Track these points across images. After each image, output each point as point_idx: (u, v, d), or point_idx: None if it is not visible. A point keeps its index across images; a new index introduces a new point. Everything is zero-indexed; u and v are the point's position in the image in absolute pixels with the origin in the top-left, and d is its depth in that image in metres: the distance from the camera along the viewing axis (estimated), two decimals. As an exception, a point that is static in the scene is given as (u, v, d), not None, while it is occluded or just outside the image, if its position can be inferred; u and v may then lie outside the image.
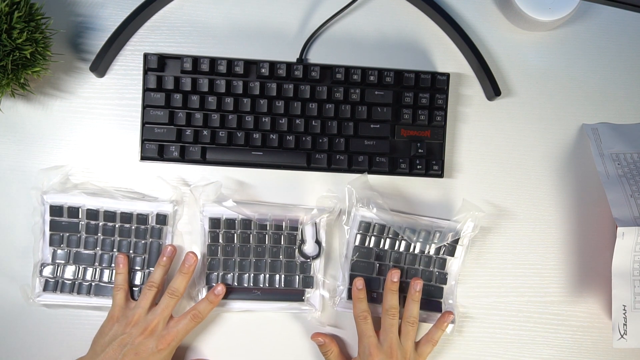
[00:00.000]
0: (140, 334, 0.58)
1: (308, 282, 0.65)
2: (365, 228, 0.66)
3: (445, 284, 0.66)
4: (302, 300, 0.65)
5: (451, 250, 0.66)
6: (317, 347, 0.65)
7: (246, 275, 0.65)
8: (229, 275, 0.64)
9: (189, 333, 0.61)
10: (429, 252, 0.66)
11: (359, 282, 0.63)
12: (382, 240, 0.66)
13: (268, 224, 0.65)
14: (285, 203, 0.67)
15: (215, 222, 0.65)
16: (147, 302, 0.60)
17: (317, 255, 0.65)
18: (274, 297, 0.65)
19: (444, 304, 0.66)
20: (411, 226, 0.66)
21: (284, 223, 0.65)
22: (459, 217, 0.66)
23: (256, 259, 0.65)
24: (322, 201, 0.66)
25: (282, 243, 0.65)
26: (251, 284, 0.65)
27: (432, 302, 0.66)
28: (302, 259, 0.65)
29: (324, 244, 0.66)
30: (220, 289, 0.62)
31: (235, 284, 0.65)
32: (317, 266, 0.65)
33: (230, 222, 0.65)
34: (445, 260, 0.66)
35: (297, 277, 0.65)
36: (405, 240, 0.66)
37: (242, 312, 0.66)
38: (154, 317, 0.59)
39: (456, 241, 0.66)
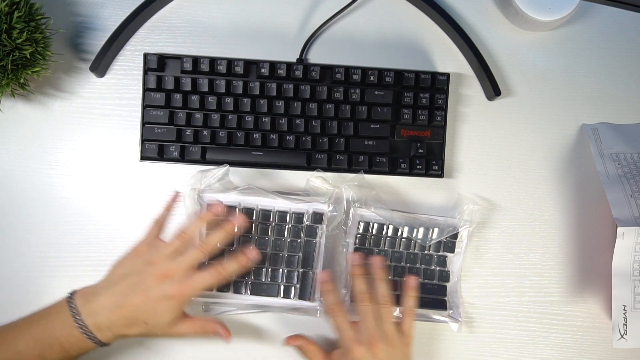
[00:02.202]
0: (156, 277, 0.55)
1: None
2: (365, 228, 0.66)
3: (448, 281, 0.66)
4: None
5: (451, 247, 0.66)
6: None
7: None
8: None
9: (206, 288, 0.57)
10: (429, 249, 0.66)
11: (324, 275, 0.61)
12: (382, 240, 0.66)
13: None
14: (280, 191, 0.66)
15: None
16: (173, 249, 0.57)
17: None
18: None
19: (449, 301, 0.66)
20: (409, 223, 0.66)
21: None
22: (455, 212, 0.66)
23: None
24: (312, 183, 0.66)
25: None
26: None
27: (437, 301, 0.66)
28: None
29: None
30: (255, 254, 0.60)
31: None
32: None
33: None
34: (445, 257, 0.66)
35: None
36: (404, 239, 0.66)
37: (248, 314, 0.66)
38: (175, 264, 0.56)
39: (455, 236, 0.66)
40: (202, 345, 0.65)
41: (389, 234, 0.66)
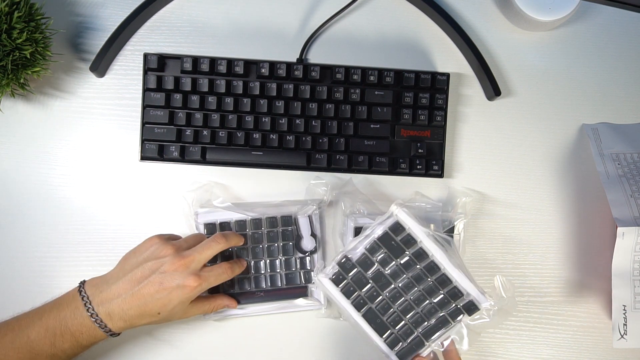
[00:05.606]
0: (172, 264, 0.55)
1: (309, 277, 0.65)
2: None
3: None
4: (307, 296, 0.65)
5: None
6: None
7: (247, 279, 0.65)
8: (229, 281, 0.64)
9: (218, 283, 0.59)
10: None
11: None
12: None
13: (263, 221, 0.65)
14: (275, 200, 0.67)
15: (210, 228, 0.64)
16: (191, 242, 0.59)
17: (315, 250, 0.65)
18: (278, 297, 0.65)
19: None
20: None
21: (277, 218, 0.65)
22: (449, 206, 0.67)
23: (255, 261, 0.65)
24: (311, 189, 0.66)
25: (278, 241, 0.65)
26: (253, 287, 0.65)
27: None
28: (300, 255, 0.65)
29: (319, 237, 0.66)
30: (245, 263, 0.64)
31: (237, 289, 0.64)
32: (315, 260, 0.65)
33: (225, 225, 0.65)
34: None
35: (298, 273, 0.65)
36: None
37: (248, 317, 0.65)
38: (192, 252, 0.56)
39: (451, 230, 0.66)
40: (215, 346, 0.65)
41: None
